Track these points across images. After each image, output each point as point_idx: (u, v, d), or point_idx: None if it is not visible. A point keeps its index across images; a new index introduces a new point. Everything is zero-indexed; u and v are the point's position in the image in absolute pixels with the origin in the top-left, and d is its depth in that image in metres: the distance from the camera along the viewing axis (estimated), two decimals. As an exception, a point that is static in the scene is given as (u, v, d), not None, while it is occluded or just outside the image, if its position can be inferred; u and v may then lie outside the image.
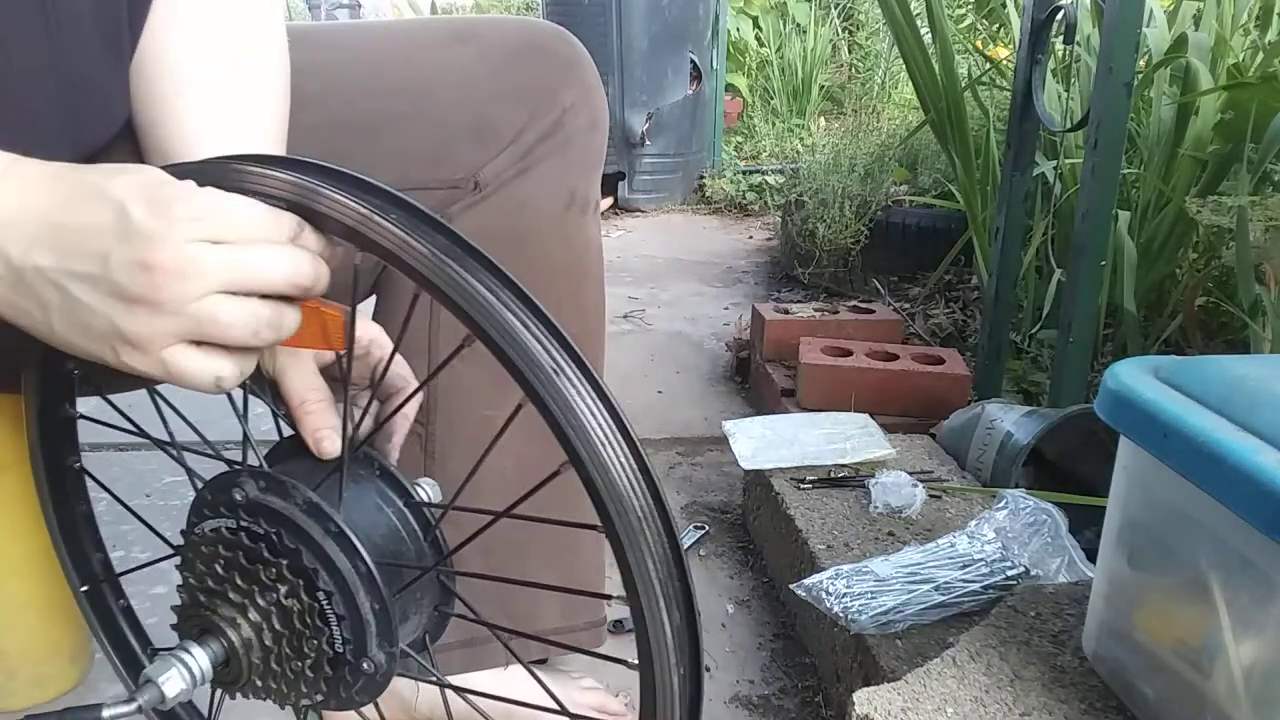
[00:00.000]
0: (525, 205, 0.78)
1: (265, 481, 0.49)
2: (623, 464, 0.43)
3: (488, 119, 0.76)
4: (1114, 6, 1.25)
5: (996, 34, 2.83)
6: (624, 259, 2.89)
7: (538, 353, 0.43)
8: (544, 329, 0.44)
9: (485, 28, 0.80)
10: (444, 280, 0.43)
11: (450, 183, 0.76)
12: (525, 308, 0.44)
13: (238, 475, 0.50)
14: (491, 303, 0.43)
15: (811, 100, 4.24)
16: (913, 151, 2.71)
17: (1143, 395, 0.70)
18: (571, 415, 0.42)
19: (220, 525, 0.50)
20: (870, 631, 0.95)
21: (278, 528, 0.49)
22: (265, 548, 0.48)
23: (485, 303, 0.43)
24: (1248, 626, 0.63)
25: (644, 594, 0.44)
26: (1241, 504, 0.60)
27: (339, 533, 0.48)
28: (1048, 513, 1.06)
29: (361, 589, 0.48)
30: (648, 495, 0.44)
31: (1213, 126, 1.62)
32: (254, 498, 0.49)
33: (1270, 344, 1.39)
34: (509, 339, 0.43)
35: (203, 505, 0.51)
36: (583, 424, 0.42)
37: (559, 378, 0.43)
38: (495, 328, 0.43)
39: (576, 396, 0.43)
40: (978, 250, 2.04)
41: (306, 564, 0.48)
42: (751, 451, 1.34)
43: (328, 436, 0.52)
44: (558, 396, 0.42)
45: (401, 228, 0.44)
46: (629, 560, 0.43)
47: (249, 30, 0.64)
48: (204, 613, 0.50)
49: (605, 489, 0.43)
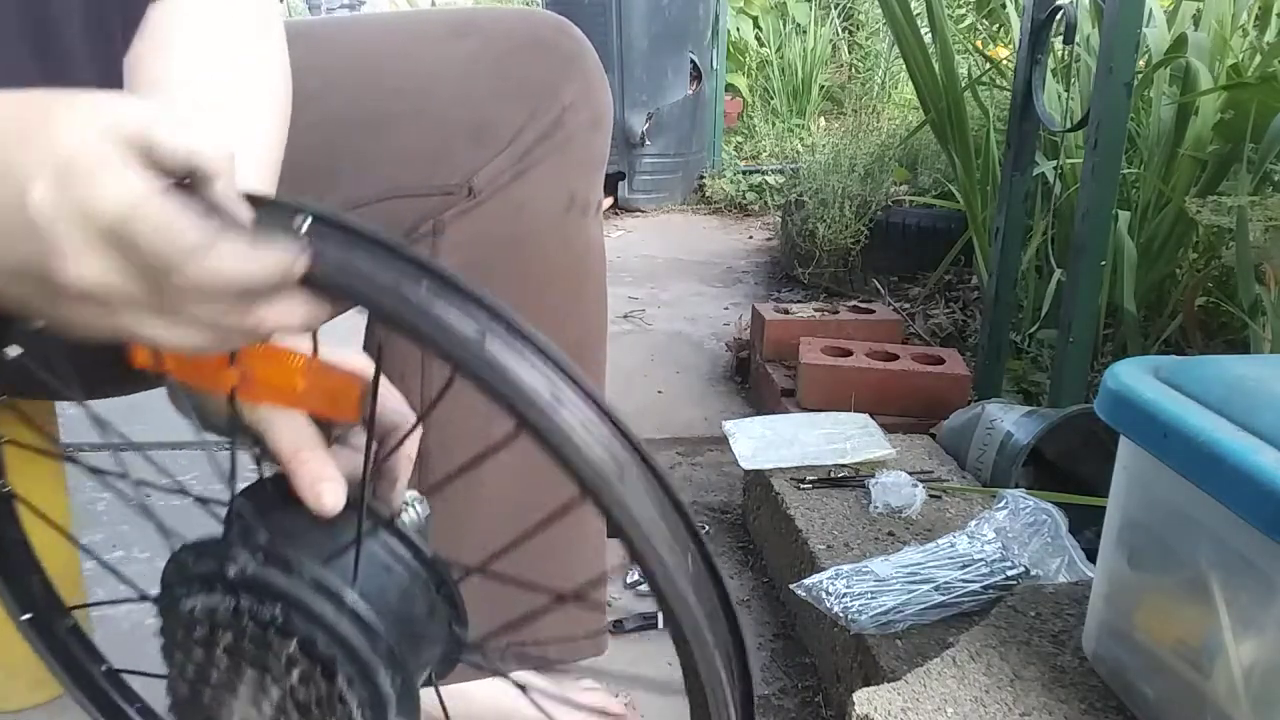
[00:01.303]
0: (523, 209, 0.76)
1: (263, 554, 0.43)
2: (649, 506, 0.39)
3: (485, 119, 0.74)
4: (1114, 6, 1.25)
5: (996, 34, 2.83)
6: (624, 259, 2.89)
7: (458, 327, 0.37)
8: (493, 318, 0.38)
9: (485, 21, 0.77)
10: (410, 312, 0.36)
11: (444, 188, 0.74)
12: (514, 336, 0.38)
13: (228, 546, 0.43)
14: (468, 336, 0.36)
15: (811, 100, 4.24)
16: (913, 151, 2.71)
17: (1143, 395, 0.70)
18: (573, 450, 0.37)
19: (215, 605, 0.43)
20: (870, 631, 0.95)
21: (285, 612, 0.42)
22: (273, 633, 0.43)
23: (460, 336, 0.36)
24: (1248, 626, 0.63)
25: (686, 627, 0.39)
26: (1241, 504, 0.60)
27: (354, 612, 0.43)
28: (1048, 513, 1.06)
29: (382, 668, 0.44)
30: (672, 513, 0.40)
31: (1213, 126, 1.62)
32: (253, 574, 0.42)
33: (1270, 344, 1.39)
34: (423, 318, 0.36)
35: (187, 576, 0.44)
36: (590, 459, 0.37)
37: (557, 411, 0.37)
38: (410, 312, 0.36)
39: (578, 427, 0.37)
40: (978, 250, 2.04)
41: (323, 651, 0.43)
42: (751, 451, 1.34)
43: (329, 490, 0.46)
44: (555, 432, 0.36)
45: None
46: (666, 594, 0.38)
47: (247, 36, 0.62)
48: (208, 705, 0.44)
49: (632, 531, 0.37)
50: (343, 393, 0.44)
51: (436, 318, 0.36)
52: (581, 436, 0.37)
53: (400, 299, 0.36)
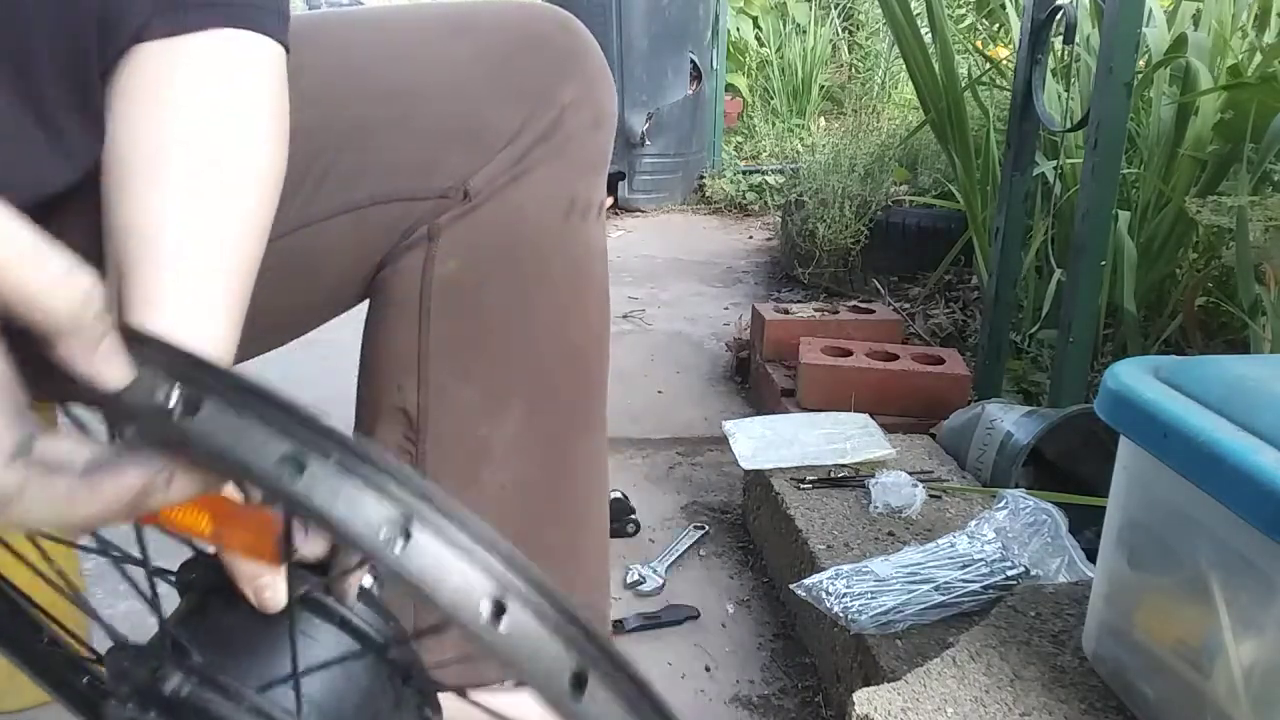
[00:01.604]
0: (520, 214, 0.73)
1: (198, 677, 0.38)
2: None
3: (481, 122, 0.72)
4: (1114, 6, 1.25)
5: (996, 34, 2.83)
6: (624, 259, 2.89)
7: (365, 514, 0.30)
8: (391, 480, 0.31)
9: (485, 17, 0.75)
10: (309, 504, 0.30)
11: (439, 192, 0.71)
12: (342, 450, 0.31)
13: (158, 660, 0.38)
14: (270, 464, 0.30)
15: (811, 100, 4.24)
16: (913, 151, 2.71)
17: (1143, 395, 0.70)
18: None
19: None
20: (870, 631, 0.95)
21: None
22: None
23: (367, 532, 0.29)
24: (1248, 626, 0.63)
25: None
26: (1241, 504, 0.60)
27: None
28: (1048, 513, 1.06)
29: None
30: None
31: (1212, 126, 1.62)
32: (189, 696, 0.38)
33: (1270, 344, 1.39)
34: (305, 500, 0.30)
35: (120, 684, 0.39)
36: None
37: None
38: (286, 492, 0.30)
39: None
40: (978, 250, 2.05)
41: None
42: (751, 451, 1.34)
43: (270, 586, 0.40)
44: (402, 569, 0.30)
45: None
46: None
47: (245, 77, 0.57)
48: None
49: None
50: (258, 534, 0.38)
51: (340, 510, 0.30)
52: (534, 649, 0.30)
53: (289, 488, 0.30)
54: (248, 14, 0.57)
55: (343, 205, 0.72)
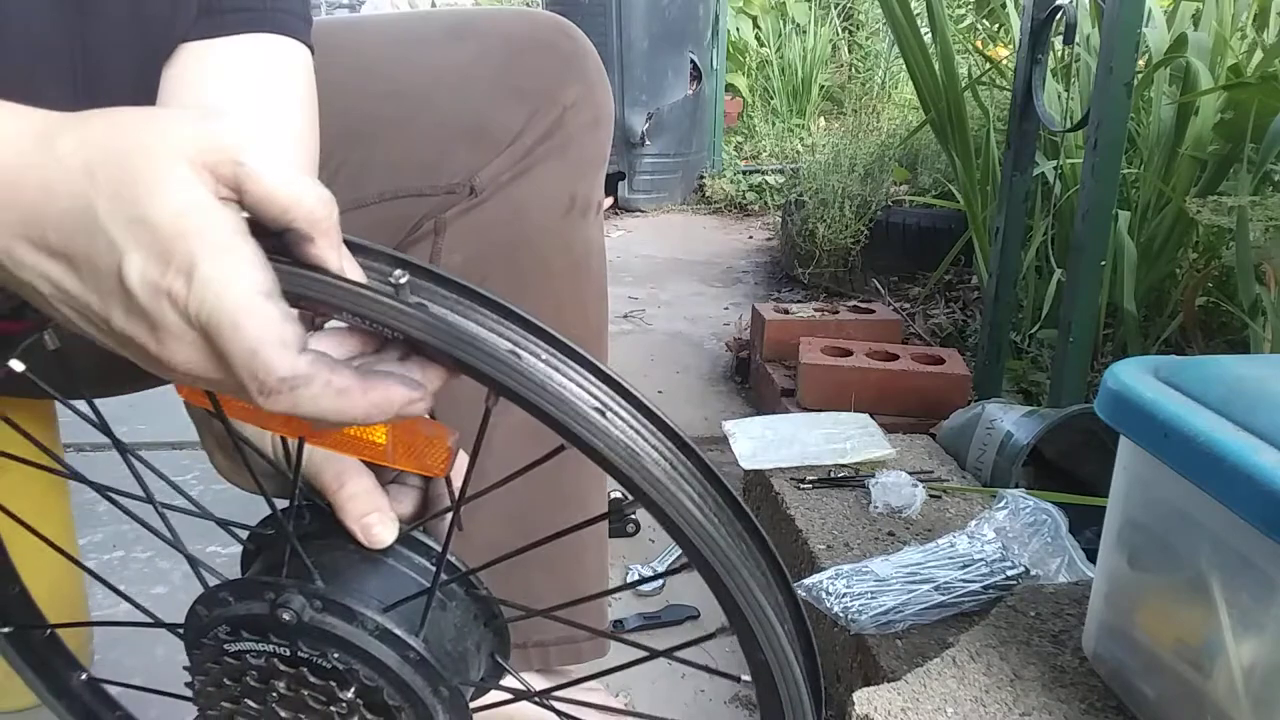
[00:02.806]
0: (523, 209, 0.76)
1: (322, 601, 0.41)
2: (692, 491, 0.39)
3: (485, 121, 0.74)
4: (1114, 6, 1.25)
5: (996, 34, 2.83)
6: (624, 259, 2.89)
7: (576, 399, 0.36)
8: (573, 364, 0.38)
9: (484, 23, 0.77)
10: (433, 332, 0.36)
11: (446, 187, 0.74)
12: (543, 342, 0.38)
13: (281, 588, 0.41)
14: (502, 353, 0.36)
15: (811, 100, 4.24)
16: (913, 151, 2.71)
17: (1143, 395, 0.70)
18: (633, 460, 0.37)
19: (269, 651, 0.42)
20: (870, 631, 0.95)
21: (348, 661, 0.41)
22: (335, 683, 0.41)
23: (495, 353, 0.36)
24: (1248, 626, 0.63)
25: (756, 623, 0.39)
26: (1241, 504, 0.60)
27: (420, 660, 0.42)
28: (1048, 513, 1.06)
29: (441, 711, 0.43)
30: (727, 510, 0.41)
31: (1213, 126, 1.62)
32: (310, 620, 0.41)
33: (1270, 344, 1.39)
34: (537, 391, 0.36)
35: (228, 616, 0.42)
36: (646, 468, 0.37)
37: (606, 419, 0.37)
38: (517, 381, 0.36)
39: (633, 436, 0.38)
40: (978, 250, 2.05)
41: (388, 700, 0.42)
42: (751, 451, 1.34)
43: (378, 522, 0.44)
44: (610, 442, 0.36)
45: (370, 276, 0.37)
46: (730, 588, 0.38)
47: (279, 72, 0.62)
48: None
49: (688, 528, 0.38)
50: (429, 447, 0.41)
51: (557, 389, 0.36)
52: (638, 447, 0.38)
53: (517, 370, 0.36)
54: (278, 19, 0.62)
55: (352, 202, 0.73)
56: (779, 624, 0.39)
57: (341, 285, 0.36)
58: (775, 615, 0.39)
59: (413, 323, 0.35)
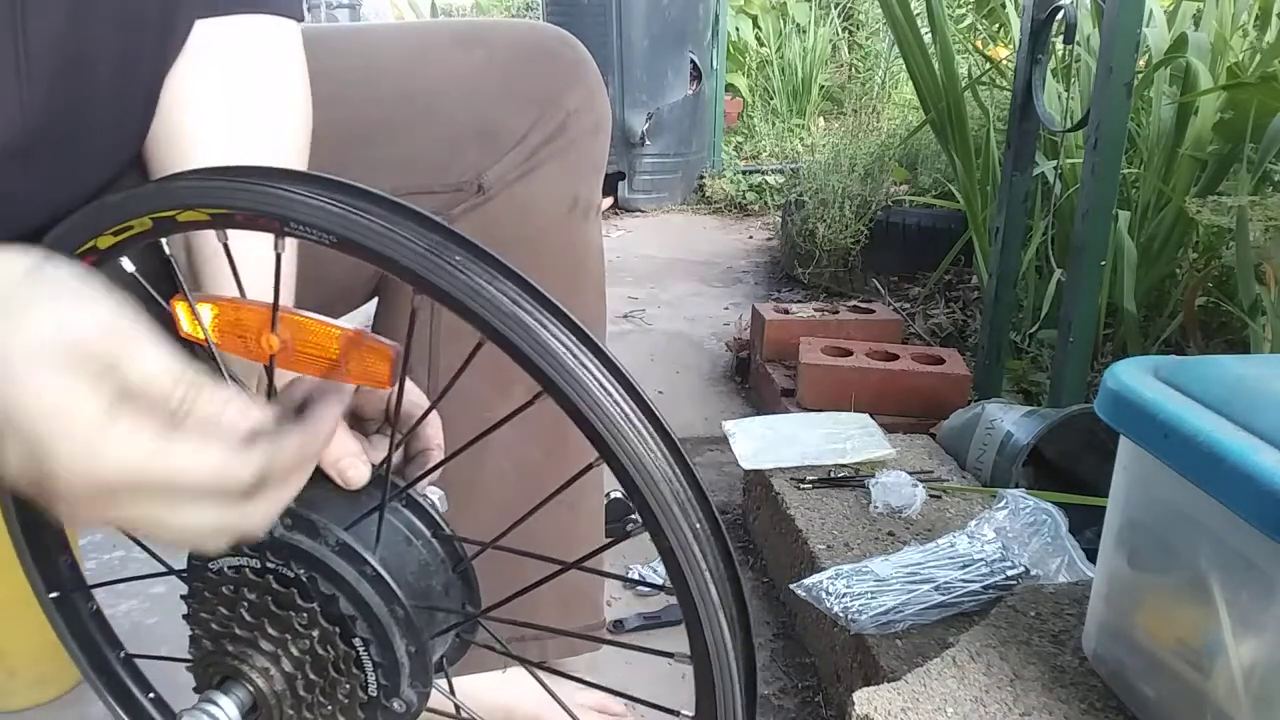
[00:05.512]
0: (528, 208, 0.79)
1: (291, 519, 0.46)
2: (655, 451, 0.41)
3: (493, 123, 0.77)
4: (1114, 6, 1.25)
5: (996, 34, 2.83)
6: (624, 259, 2.89)
7: (552, 343, 0.40)
8: (553, 318, 0.41)
9: (489, 32, 0.81)
10: (439, 275, 0.40)
11: (454, 185, 0.77)
12: (528, 296, 0.42)
13: None
14: (495, 295, 0.40)
15: (811, 100, 4.23)
16: (913, 151, 2.71)
17: (1143, 395, 0.70)
18: (596, 406, 0.39)
19: (242, 565, 0.46)
20: (870, 631, 0.95)
21: (310, 572, 0.45)
22: (297, 593, 0.45)
23: (489, 295, 0.40)
24: (1248, 626, 0.63)
25: (692, 580, 0.41)
26: (1241, 504, 0.60)
27: (375, 576, 0.46)
28: (1048, 513, 1.06)
29: (398, 634, 0.46)
30: (682, 480, 0.43)
31: (1213, 126, 1.62)
32: (280, 536, 0.46)
33: (1270, 344, 1.39)
34: (520, 331, 0.39)
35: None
36: (608, 414, 0.40)
37: (579, 369, 0.40)
38: (503, 321, 0.40)
39: (598, 386, 0.40)
40: (978, 250, 2.05)
41: (344, 611, 0.45)
42: (751, 451, 1.34)
43: (353, 464, 0.48)
44: (578, 387, 0.39)
45: (386, 225, 0.41)
46: (671, 543, 0.41)
47: (269, 67, 0.64)
48: (228, 660, 0.47)
49: (640, 479, 0.40)
50: (375, 360, 0.46)
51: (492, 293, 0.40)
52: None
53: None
54: (272, 1, 0.65)
55: None
56: (714, 586, 0.42)
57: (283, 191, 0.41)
58: (712, 577, 0.42)
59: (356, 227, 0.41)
